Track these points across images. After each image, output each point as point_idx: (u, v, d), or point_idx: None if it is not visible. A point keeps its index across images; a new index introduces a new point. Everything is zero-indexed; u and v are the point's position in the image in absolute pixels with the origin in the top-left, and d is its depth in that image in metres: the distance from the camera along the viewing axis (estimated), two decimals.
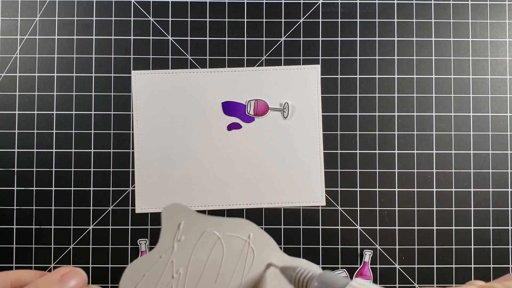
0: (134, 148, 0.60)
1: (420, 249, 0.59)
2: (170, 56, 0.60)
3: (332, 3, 0.61)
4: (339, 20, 0.61)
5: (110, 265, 0.59)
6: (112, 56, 0.60)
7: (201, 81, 0.60)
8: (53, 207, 0.59)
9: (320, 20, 0.61)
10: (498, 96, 0.61)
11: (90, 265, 0.59)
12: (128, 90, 0.60)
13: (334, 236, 0.59)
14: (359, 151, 0.60)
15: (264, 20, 0.61)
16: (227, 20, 0.61)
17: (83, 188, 0.59)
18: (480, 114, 0.61)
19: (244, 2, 0.61)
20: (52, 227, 0.59)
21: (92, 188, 0.59)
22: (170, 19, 0.61)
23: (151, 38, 0.61)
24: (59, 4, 0.61)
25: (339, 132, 0.60)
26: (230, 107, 0.60)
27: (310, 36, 0.61)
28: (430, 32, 0.61)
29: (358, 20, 0.61)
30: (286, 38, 0.61)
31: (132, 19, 0.61)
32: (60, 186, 0.59)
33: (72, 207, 0.59)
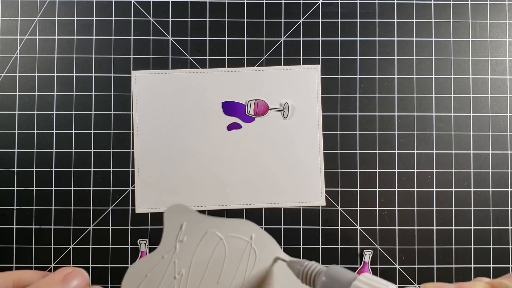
0: (134, 148, 0.60)
1: (420, 249, 0.59)
2: (170, 56, 0.60)
3: (332, 3, 0.61)
4: (339, 20, 0.61)
5: (110, 265, 0.59)
6: (112, 56, 0.60)
7: (201, 81, 0.60)
8: (53, 207, 0.59)
9: (320, 20, 0.61)
10: (498, 96, 0.61)
11: (90, 265, 0.59)
12: (128, 90, 0.60)
13: (334, 236, 0.60)
14: (359, 151, 0.60)
15: (264, 20, 0.61)
16: (227, 20, 0.61)
17: (83, 188, 0.59)
18: (480, 114, 0.61)
19: (244, 2, 0.61)
20: (52, 227, 0.59)
21: (92, 188, 0.59)
22: (170, 19, 0.61)
23: (151, 38, 0.61)
24: (59, 4, 0.61)
25: (339, 132, 0.60)
26: (230, 107, 0.60)
27: (310, 36, 0.61)
28: (430, 32, 0.61)
29: (358, 20, 0.61)
30: (286, 38, 0.61)
31: (132, 19, 0.61)
32: (60, 186, 0.59)
33: (72, 207, 0.59)
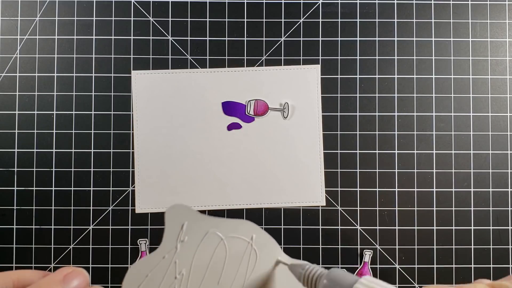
0: (134, 148, 0.60)
1: (420, 249, 0.59)
2: (170, 56, 0.60)
3: (332, 3, 0.61)
4: (339, 20, 0.61)
5: (110, 265, 0.59)
6: (112, 56, 0.60)
7: (201, 81, 0.60)
8: (53, 207, 0.59)
9: (320, 20, 0.61)
10: (498, 96, 0.61)
11: (90, 265, 0.59)
12: (128, 90, 0.60)
13: (334, 236, 0.60)
14: (359, 151, 0.60)
15: (264, 20, 0.61)
16: (227, 20, 0.61)
17: (83, 188, 0.59)
18: (480, 114, 0.61)
19: (244, 2, 0.61)
20: (52, 227, 0.59)
21: (92, 188, 0.59)
22: (170, 19, 0.61)
23: (151, 38, 0.61)
24: (59, 4, 0.60)
25: (339, 132, 0.60)
26: (230, 107, 0.60)
27: (310, 36, 0.61)
28: (430, 32, 0.61)
29: (358, 20, 0.61)
30: (286, 38, 0.61)
31: (132, 19, 0.61)
32: (60, 186, 0.59)
33: (72, 207, 0.59)
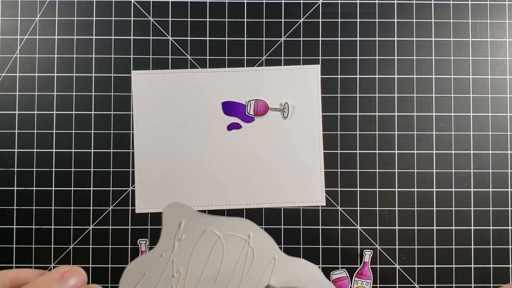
0: (134, 148, 0.60)
1: (420, 249, 0.59)
2: (170, 56, 0.60)
3: (332, 3, 0.61)
4: (339, 20, 0.61)
5: (110, 265, 0.59)
6: (112, 56, 0.60)
7: (201, 81, 0.60)
8: (53, 207, 0.59)
9: (320, 20, 0.61)
10: (498, 96, 0.61)
11: (90, 265, 0.59)
12: (128, 90, 0.60)
13: (334, 236, 0.59)
14: (359, 151, 0.60)
15: (264, 20, 0.61)
16: (227, 20, 0.61)
17: (83, 188, 0.59)
18: (480, 114, 0.61)
19: (244, 2, 0.61)
20: (52, 227, 0.59)
21: (92, 188, 0.59)
22: (170, 19, 0.61)
23: (151, 38, 0.61)
24: (59, 4, 0.61)
25: (339, 132, 0.60)
26: (230, 107, 0.60)
27: (310, 36, 0.61)
28: (430, 32, 0.61)
29: (358, 20, 0.61)
30: (286, 38, 0.61)
31: (132, 19, 0.61)
32: (60, 186, 0.59)
33: (72, 207, 0.59)
